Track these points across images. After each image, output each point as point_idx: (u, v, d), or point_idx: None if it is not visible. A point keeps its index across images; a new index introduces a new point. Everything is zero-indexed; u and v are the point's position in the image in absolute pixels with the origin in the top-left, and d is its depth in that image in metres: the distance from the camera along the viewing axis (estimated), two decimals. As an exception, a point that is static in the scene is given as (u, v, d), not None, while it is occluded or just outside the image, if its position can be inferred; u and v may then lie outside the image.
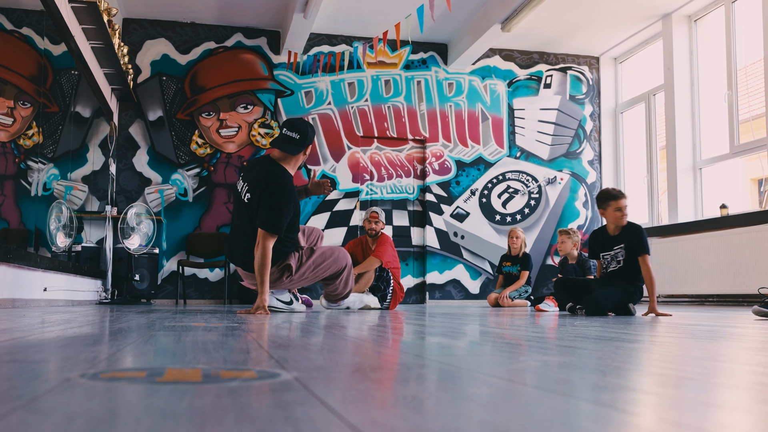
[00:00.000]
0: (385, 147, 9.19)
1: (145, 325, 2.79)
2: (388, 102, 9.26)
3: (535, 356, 1.56)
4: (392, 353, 1.71)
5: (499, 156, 9.53)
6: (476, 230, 9.32)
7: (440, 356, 1.58)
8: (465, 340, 2.21)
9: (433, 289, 9.12)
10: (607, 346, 1.85)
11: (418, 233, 9.25)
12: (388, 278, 6.29)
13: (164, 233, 8.44)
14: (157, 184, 8.53)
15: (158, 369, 1.21)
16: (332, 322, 3.29)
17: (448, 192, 9.32)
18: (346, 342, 2.01)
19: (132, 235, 6.93)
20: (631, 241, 4.82)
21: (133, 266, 7.46)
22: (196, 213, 8.59)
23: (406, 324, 3.33)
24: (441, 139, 9.38)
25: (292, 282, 4.68)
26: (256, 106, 8.87)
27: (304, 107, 8.99)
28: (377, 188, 9.12)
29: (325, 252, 4.79)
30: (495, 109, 9.59)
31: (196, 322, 2.98)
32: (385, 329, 2.82)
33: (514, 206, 9.52)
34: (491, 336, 2.35)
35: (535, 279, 9.25)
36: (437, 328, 2.83)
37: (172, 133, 8.63)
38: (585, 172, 9.77)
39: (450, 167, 9.37)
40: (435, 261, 9.17)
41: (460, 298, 9.16)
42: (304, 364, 1.31)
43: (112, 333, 2.29)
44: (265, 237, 4.33)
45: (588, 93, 9.92)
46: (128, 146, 8.51)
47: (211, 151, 8.69)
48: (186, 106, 8.70)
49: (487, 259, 9.28)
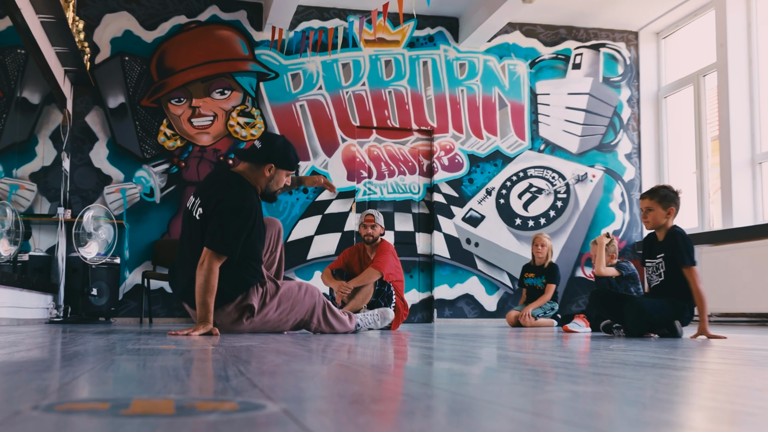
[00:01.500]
0: (385, 139, 9.21)
1: (105, 348, 2.80)
2: (389, 86, 9.27)
3: (563, 385, 1.57)
4: (395, 381, 1.71)
5: (519, 149, 9.54)
6: (493, 236, 9.33)
7: (451, 385, 1.59)
8: (480, 365, 2.21)
9: (442, 305, 9.13)
10: (650, 374, 1.86)
11: (424, 240, 9.26)
12: (389, 293, 6.29)
13: (126, 240, 8.44)
14: (119, 182, 8.54)
15: (123, 400, 1.21)
16: (324, 345, 3.29)
17: (459, 192, 9.33)
18: (340, 368, 2.02)
19: (89, 242, 6.93)
20: (671, 250, 4.79)
21: (89, 279, 7.47)
22: (164, 216, 8.59)
23: (411, 347, 3.33)
24: (451, 130, 9.38)
25: (252, 325, 4.48)
26: (235, 91, 8.88)
27: (290, 92, 9.00)
28: (376, 187, 9.13)
29: (292, 289, 4.56)
30: (515, 94, 9.60)
31: (165, 345, 2.98)
32: (387, 353, 2.83)
33: (538, 208, 9.52)
34: (511, 361, 2.35)
35: (563, 294, 9.25)
36: (447, 352, 2.83)
37: (136, 122, 8.64)
38: (621, 168, 9.78)
39: (462, 162, 9.38)
40: (444, 273, 9.17)
41: (473, 316, 9.16)
42: (294, 394, 1.31)
43: (67, 357, 2.29)
44: (211, 258, 4.12)
45: (625, 74, 9.93)
46: (84, 138, 8.52)
47: (182, 144, 8.70)
48: (152, 92, 8.71)
49: (505, 270, 9.28)
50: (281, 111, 8.95)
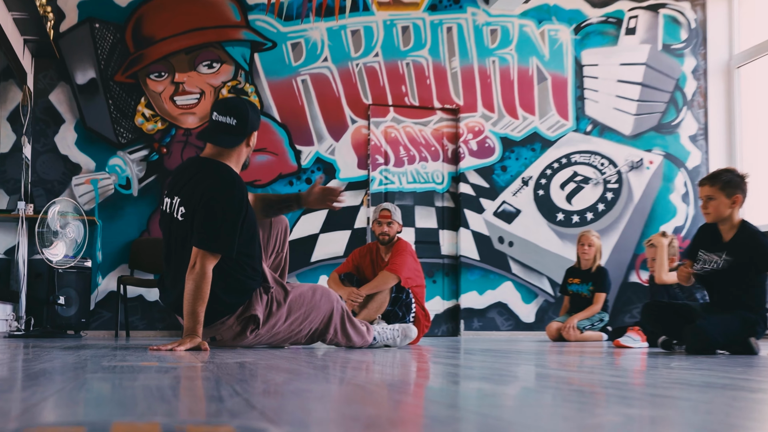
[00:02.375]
0: (404, 118, 9.20)
1: (76, 365, 2.83)
2: (407, 57, 9.27)
3: (615, 408, 1.58)
4: (416, 402, 1.72)
5: (562, 131, 9.52)
6: (530, 234, 9.32)
7: (481, 407, 1.60)
8: (516, 385, 2.22)
9: (470, 315, 9.13)
10: (719, 396, 1.86)
11: (449, 239, 9.26)
12: (408, 301, 6.30)
13: (99, 239, 8.49)
14: (89, 171, 8.59)
15: (101, 424, 1.23)
16: (330, 361, 3.30)
17: (490, 181, 9.32)
18: (352, 387, 2.04)
19: (54, 242, 6.97)
20: (743, 253, 4.76)
21: (56, 285, 7.50)
22: (142, 212, 8.63)
23: (434, 363, 3.34)
24: (480, 109, 9.37)
25: (258, 339, 4.52)
26: (225, 63, 8.91)
27: (290, 65, 9.01)
28: (394, 176, 9.13)
29: (304, 294, 4.57)
30: (556, 65, 9.57)
31: (147, 361, 3.01)
32: (406, 370, 2.84)
33: (584, 201, 9.50)
34: (553, 380, 2.36)
35: (614, 302, 9.23)
36: (476, 370, 2.84)
37: (110, 101, 8.68)
38: (684, 153, 9.74)
39: (493, 147, 9.37)
40: (473, 277, 9.17)
41: (507, 328, 9.16)
42: (299, 417, 1.33)
43: (31, 376, 2.32)
44: (203, 259, 4.14)
45: (689, 41, 9.88)
46: (48, 120, 8.56)
47: (164, 127, 8.74)
48: (128, 65, 8.74)
49: (545, 274, 9.27)
50: (280, 87, 8.97)
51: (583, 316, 7.50)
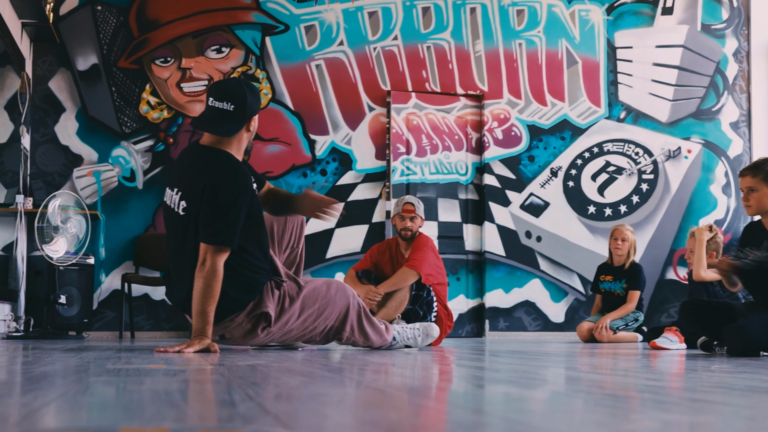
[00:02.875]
0: (426, 105, 9.18)
1: (78, 368, 2.84)
2: (428, 40, 9.26)
3: (652, 414, 1.58)
4: (439, 407, 1.73)
5: (593, 118, 9.49)
6: (559, 229, 9.30)
7: (508, 412, 1.60)
8: (544, 389, 2.22)
9: (495, 315, 9.12)
10: (763, 401, 1.86)
11: (473, 233, 9.25)
12: (429, 300, 6.30)
13: (102, 235, 8.53)
14: (92, 163, 8.62)
15: (107, 430, 1.24)
16: (348, 363, 3.31)
17: (516, 172, 9.31)
18: (372, 391, 2.04)
19: (55, 237, 7.00)
20: None
21: (56, 283, 7.54)
22: (148, 205, 8.67)
23: (458, 366, 3.35)
24: (506, 95, 9.35)
25: (270, 337, 4.52)
26: (235, 48, 8.92)
27: (303, 49, 9.02)
28: (416, 166, 9.10)
29: (318, 288, 4.57)
30: (587, 47, 9.54)
31: (153, 364, 3.03)
32: (428, 373, 2.85)
33: (617, 193, 9.47)
34: (584, 384, 2.36)
35: (650, 301, 9.20)
36: (503, 373, 2.84)
37: (113, 88, 8.72)
38: (726, 141, 9.69)
39: (520, 135, 9.35)
40: (498, 274, 9.16)
41: (536, 328, 9.15)
42: (316, 423, 1.33)
43: (32, 380, 2.34)
44: (213, 255, 4.16)
45: (731, 20, 9.83)
46: (48, 108, 8.60)
47: (170, 115, 8.76)
48: (132, 50, 8.77)
49: (575, 271, 9.25)
50: (292, 73, 8.98)
51: (617, 315, 7.48)
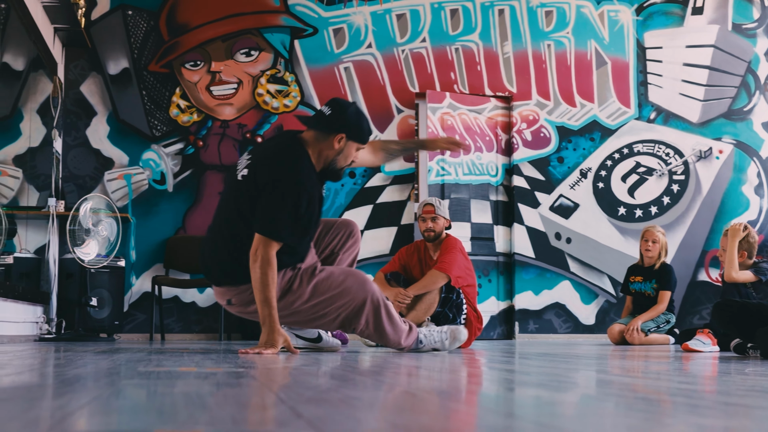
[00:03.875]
0: (460, 105, 9.15)
1: (110, 370, 2.87)
2: (456, 42, 9.25)
3: (685, 418, 1.57)
4: (469, 411, 1.73)
5: (623, 119, 9.44)
6: (589, 230, 9.26)
7: (539, 416, 1.60)
8: (575, 392, 2.22)
9: (525, 317, 9.10)
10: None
11: (503, 235, 9.23)
12: (459, 302, 6.29)
13: (132, 238, 8.58)
14: (122, 166, 8.68)
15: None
16: (378, 366, 3.31)
17: (545, 174, 9.28)
18: (403, 395, 2.05)
19: (86, 240, 7.05)
20: None
21: (88, 286, 7.59)
22: (178, 208, 8.71)
23: (488, 368, 3.34)
24: (535, 96, 9.33)
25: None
26: (264, 51, 8.95)
27: (332, 51, 9.03)
28: (450, 166, 9.07)
29: (334, 277, 4.57)
30: (617, 48, 9.49)
31: (185, 366, 3.04)
32: (458, 376, 2.84)
33: (647, 194, 9.41)
34: (615, 387, 2.35)
35: (681, 302, 9.15)
36: (533, 375, 2.84)
37: (143, 92, 8.77)
38: (758, 141, 9.61)
39: (549, 137, 9.32)
40: (528, 276, 9.14)
41: (566, 330, 9.12)
42: (349, 427, 1.34)
43: (65, 382, 2.36)
44: (266, 245, 4.29)
45: (762, 20, 9.75)
46: (80, 112, 8.66)
47: (200, 119, 8.80)
48: (162, 54, 8.82)
49: (606, 273, 9.21)
50: (321, 75, 9.00)
51: (648, 317, 7.43)
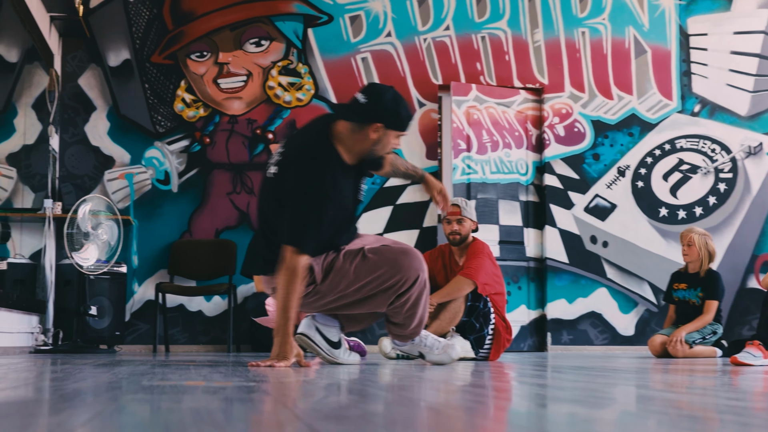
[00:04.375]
0: (487, 98, 9.13)
1: (111, 384, 2.87)
2: (482, 30, 9.24)
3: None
4: (498, 428, 1.73)
5: (664, 112, 9.41)
6: (628, 233, 9.23)
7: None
8: (614, 409, 2.21)
9: (558, 327, 9.08)
10: None
11: (534, 238, 9.21)
12: (486, 311, 6.29)
13: (135, 242, 8.60)
14: (124, 165, 8.71)
15: (146, 451, 1.26)
16: (399, 380, 3.31)
17: (580, 172, 9.25)
18: (426, 411, 2.05)
19: (85, 244, 7.07)
20: None
21: (87, 294, 7.61)
22: (183, 210, 8.73)
23: (517, 383, 3.34)
24: (568, 88, 9.31)
25: (319, 299, 4.66)
26: (275, 41, 8.96)
27: (348, 41, 9.04)
28: (477, 164, 9.05)
29: (382, 253, 4.66)
30: (657, 35, 9.46)
31: (191, 381, 3.05)
32: (484, 391, 2.84)
33: (691, 193, 9.37)
34: (657, 403, 2.35)
35: (729, 312, 9.10)
36: (567, 391, 2.83)
37: (146, 85, 8.79)
38: (809, 137, 9.57)
39: (583, 132, 9.30)
40: (561, 282, 9.11)
41: (602, 342, 9.09)
42: (368, 445, 1.34)
43: (64, 397, 2.37)
44: (292, 256, 4.39)
45: (813, 6, 9.71)
46: (78, 107, 8.70)
47: (206, 113, 8.82)
48: (166, 44, 8.84)
49: (646, 279, 9.17)
50: (337, 66, 9.01)
51: (693, 327, 7.40)
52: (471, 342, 6.21)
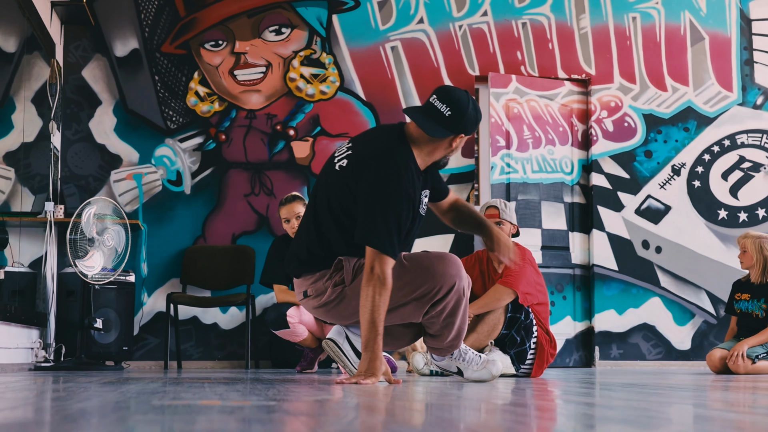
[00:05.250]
0: (528, 90, 9.11)
1: (119, 404, 2.88)
2: (523, 16, 9.22)
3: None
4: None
5: (723, 105, 9.36)
6: (684, 238, 9.19)
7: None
8: (669, 430, 2.20)
9: (607, 341, 9.04)
10: None
11: (580, 243, 9.18)
12: (528, 323, 6.27)
13: (144, 248, 8.63)
14: (132, 164, 8.74)
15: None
16: (434, 399, 3.31)
17: (630, 171, 9.22)
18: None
19: (90, 251, 7.10)
20: None
21: (92, 305, 7.63)
22: (197, 213, 8.75)
23: (563, 401, 3.33)
24: (617, 78, 9.28)
25: (346, 304, 4.70)
26: (297, 28, 8.98)
27: (377, 28, 9.04)
28: (517, 162, 9.03)
29: (417, 259, 4.76)
30: (716, 21, 9.42)
31: (206, 399, 3.06)
32: (526, 411, 2.83)
33: (754, 194, 9.32)
34: (717, 424, 2.33)
35: (794, 324, 9.05)
36: (618, 410, 2.82)
37: (156, 77, 8.82)
38: None
39: (634, 126, 9.27)
40: (610, 292, 9.08)
41: (656, 357, 9.05)
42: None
43: (67, 418, 2.37)
44: (380, 261, 4.45)
45: None
46: (81, 101, 8.73)
47: (222, 108, 8.84)
48: (178, 32, 8.87)
49: (704, 288, 9.13)
50: (364, 56, 9.01)
51: (756, 341, 7.36)
52: (511, 357, 6.20)
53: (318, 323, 7.10)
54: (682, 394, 3.91)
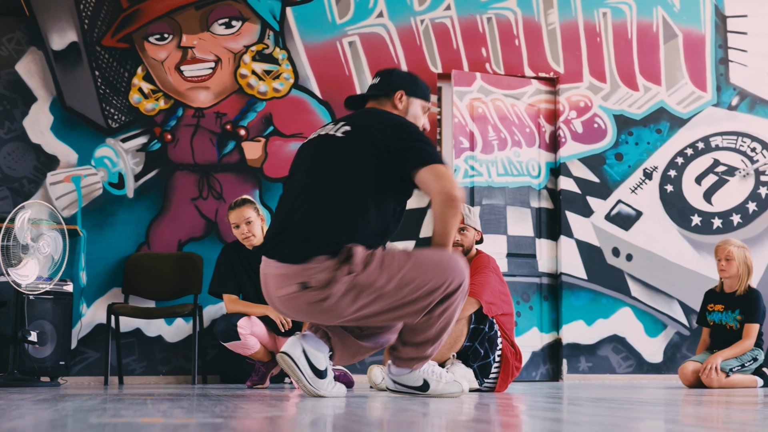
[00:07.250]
0: (493, 88, 9.13)
1: (54, 422, 2.87)
2: (489, 10, 9.25)
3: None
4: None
5: (697, 106, 9.43)
6: (656, 245, 9.24)
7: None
8: (641, 447, 2.22)
9: (575, 353, 9.09)
10: None
11: (547, 250, 9.22)
12: (492, 335, 6.29)
13: (83, 256, 8.58)
14: (70, 166, 8.69)
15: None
16: (392, 416, 3.31)
17: (600, 174, 9.27)
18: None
19: (24, 259, 7.06)
20: None
21: (26, 317, 7.59)
22: (140, 218, 8.71)
23: (528, 417, 3.34)
24: (587, 77, 9.33)
25: (353, 297, 4.66)
26: (248, 21, 8.96)
27: (334, 23, 9.04)
28: (482, 165, 9.05)
29: (426, 254, 4.81)
30: (690, 17, 9.49)
31: (148, 417, 3.04)
32: (490, 427, 2.84)
33: (729, 199, 9.39)
34: (690, 440, 2.35)
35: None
36: (586, 426, 2.83)
37: (96, 72, 8.78)
38: None
39: (604, 128, 9.32)
40: (578, 302, 9.12)
41: (626, 370, 9.10)
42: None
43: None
44: (438, 172, 4.70)
45: None
46: (15, 98, 8.68)
47: (167, 105, 8.81)
48: (120, 24, 8.83)
49: (676, 298, 9.19)
50: (320, 52, 9.01)
51: (730, 354, 7.43)
52: (475, 370, 6.21)
53: (271, 335, 7.10)
54: (653, 409, 3.93)
